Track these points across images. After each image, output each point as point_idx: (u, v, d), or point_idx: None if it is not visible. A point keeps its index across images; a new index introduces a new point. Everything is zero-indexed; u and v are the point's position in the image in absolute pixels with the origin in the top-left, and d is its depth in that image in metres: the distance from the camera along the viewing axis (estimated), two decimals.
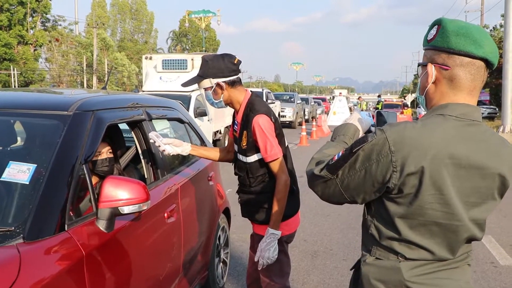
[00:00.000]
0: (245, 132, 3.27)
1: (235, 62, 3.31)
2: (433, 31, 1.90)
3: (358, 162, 1.84)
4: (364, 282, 1.94)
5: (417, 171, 1.75)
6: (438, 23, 1.89)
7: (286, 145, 3.41)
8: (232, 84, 3.30)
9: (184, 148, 3.49)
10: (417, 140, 1.76)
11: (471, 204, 1.81)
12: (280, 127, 3.36)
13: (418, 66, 1.99)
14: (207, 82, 3.29)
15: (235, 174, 3.49)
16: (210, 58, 3.31)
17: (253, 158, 3.27)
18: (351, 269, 2.12)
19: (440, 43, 1.85)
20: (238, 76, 3.35)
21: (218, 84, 3.27)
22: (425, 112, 1.96)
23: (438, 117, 1.84)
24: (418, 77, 2.01)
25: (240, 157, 3.36)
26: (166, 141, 3.41)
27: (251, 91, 3.44)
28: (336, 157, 1.92)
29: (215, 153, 3.77)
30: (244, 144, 3.28)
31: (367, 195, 1.89)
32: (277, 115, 3.36)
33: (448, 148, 1.75)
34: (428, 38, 1.92)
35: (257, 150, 3.25)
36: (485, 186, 1.81)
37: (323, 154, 2.10)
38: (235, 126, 3.48)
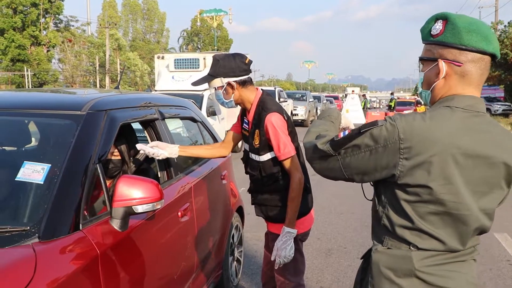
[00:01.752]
0: (257, 131, 3.26)
1: (246, 61, 3.30)
2: (439, 26, 1.90)
3: (364, 143, 1.87)
4: (374, 269, 1.97)
5: (426, 161, 1.78)
6: (443, 17, 1.91)
7: (298, 143, 3.40)
8: (243, 83, 3.29)
9: (170, 150, 3.38)
10: (426, 131, 1.80)
11: (480, 193, 1.84)
12: (293, 125, 3.35)
13: (419, 61, 2.01)
14: (218, 82, 3.28)
15: (247, 173, 3.48)
16: (221, 58, 3.30)
17: (266, 156, 3.26)
18: (361, 258, 2.15)
19: (451, 39, 1.86)
20: (249, 76, 3.34)
21: (229, 84, 3.26)
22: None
23: (446, 109, 1.87)
24: (420, 71, 2.03)
25: (253, 156, 3.35)
26: (151, 145, 3.34)
27: (262, 89, 3.43)
28: (341, 135, 1.94)
29: (206, 151, 3.75)
30: (256, 143, 3.27)
31: (366, 176, 1.93)
32: (289, 114, 3.34)
33: (456, 139, 1.79)
34: (433, 33, 1.92)
35: (270, 148, 3.24)
36: (492, 176, 1.84)
37: (320, 129, 2.18)
38: (244, 125, 3.47)
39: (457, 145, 1.78)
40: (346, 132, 1.94)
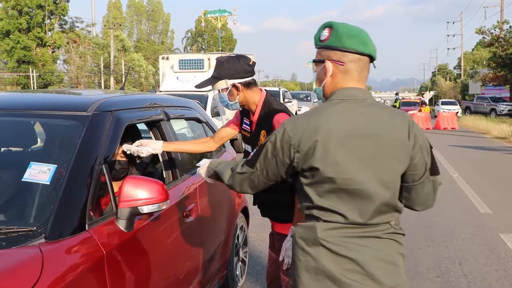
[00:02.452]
0: (263, 131, 3.26)
1: (250, 63, 3.30)
2: (326, 33, 2.26)
3: (269, 152, 2.25)
4: (293, 241, 2.29)
5: (311, 148, 2.11)
6: (329, 26, 2.27)
7: None
8: (247, 85, 3.29)
9: (154, 145, 3.34)
10: (307, 123, 2.15)
11: (377, 168, 2.11)
12: None
13: (313, 63, 2.37)
14: (222, 83, 3.28)
15: None
16: (226, 59, 3.30)
17: None
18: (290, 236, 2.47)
19: (335, 43, 2.23)
20: (253, 77, 3.34)
21: (234, 85, 3.26)
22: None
23: (327, 103, 2.24)
24: (314, 71, 2.38)
25: None
26: (136, 144, 3.32)
27: (266, 90, 3.43)
28: (251, 154, 2.39)
29: (192, 146, 3.67)
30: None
31: (283, 174, 2.29)
32: (294, 114, 3.35)
33: (335, 124, 2.11)
34: (321, 39, 2.28)
35: None
36: (384, 150, 2.11)
37: (228, 164, 2.55)
38: (244, 126, 3.47)
39: (337, 129, 2.10)
40: (254, 150, 2.38)
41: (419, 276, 5.36)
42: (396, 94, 41.72)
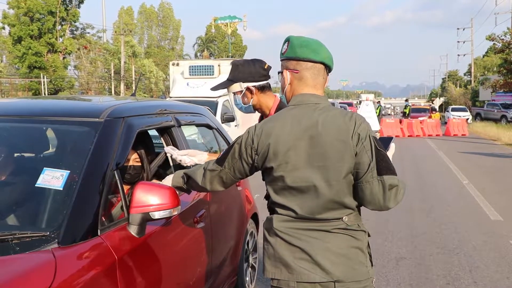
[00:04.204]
0: None
1: (266, 67, 3.33)
2: (285, 46, 2.51)
3: (236, 152, 2.48)
4: (262, 230, 2.53)
5: (266, 150, 2.35)
6: (287, 40, 2.52)
7: None
8: (261, 89, 3.31)
9: (200, 157, 3.38)
10: (264, 127, 2.39)
11: (321, 167, 2.28)
12: None
13: (278, 74, 2.60)
14: (237, 86, 3.30)
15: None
16: (241, 63, 3.33)
17: None
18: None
19: (290, 54, 2.47)
20: (268, 81, 3.36)
21: (248, 88, 3.28)
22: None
23: (284, 108, 2.47)
24: (279, 81, 2.62)
25: None
26: (182, 152, 3.36)
27: (280, 97, 3.44)
28: (221, 153, 2.60)
29: None
30: None
31: (248, 173, 2.53)
32: None
33: (286, 128, 2.33)
34: (282, 52, 2.53)
35: None
36: (329, 150, 2.27)
37: (198, 166, 2.73)
38: None
39: (287, 133, 2.32)
40: (224, 150, 2.60)
41: (430, 283, 5.34)
42: (406, 100, 41.55)
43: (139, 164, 3.43)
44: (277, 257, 2.38)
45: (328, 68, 2.51)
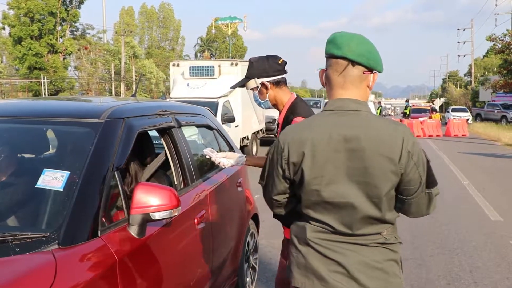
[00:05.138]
0: None
1: (280, 62, 3.37)
2: None
3: (269, 165, 2.32)
4: (290, 237, 2.37)
5: (299, 160, 2.15)
6: None
7: None
8: (277, 84, 3.35)
9: (238, 159, 3.51)
10: (296, 134, 2.19)
11: (362, 183, 2.11)
12: None
13: None
14: (252, 83, 3.37)
15: None
16: (256, 60, 3.39)
17: None
18: None
19: (325, 52, 2.28)
20: (283, 76, 3.39)
21: (263, 84, 3.33)
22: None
23: (318, 115, 2.27)
24: None
25: None
26: (221, 155, 3.47)
27: (296, 95, 3.46)
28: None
29: None
30: None
31: (282, 187, 2.30)
32: None
33: (323, 137, 2.12)
34: None
35: None
36: (370, 166, 2.08)
37: None
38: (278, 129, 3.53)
39: (324, 142, 2.12)
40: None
41: (430, 284, 5.34)
42: (407, 101, 41.54)
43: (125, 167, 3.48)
44: (308, 268, 2.23)
45: (359, 64, 2.19)
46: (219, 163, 3.43)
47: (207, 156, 3.50)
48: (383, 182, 2.10)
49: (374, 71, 2.24)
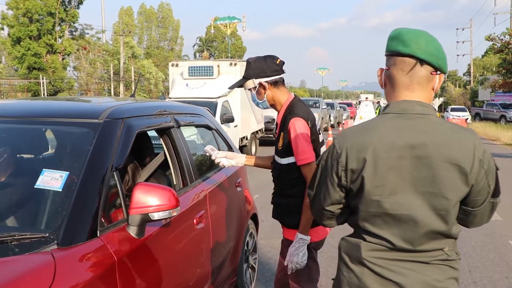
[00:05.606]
0: (282, 133, 3.31)
1: (278, 62, 3.37)
2: None
3: (321, 172, 2.11)
4: (339, 254, 2.18)
5: (359, 167, 1.95)
6: None
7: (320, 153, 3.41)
8: (275, 84, 3.36)
9: (238, 159, 3.59)
10: (356, 138, 1.98)
11: (427, 193, 1.92)
12: (317, 133, 3.35)
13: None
14: (250, 83, 3.38)
15: (272, 175, 3.52)
16: (253, 60, 3.40)
17: (287, 160, 3.29)
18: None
19: (385, 49, 2.10)
20: (281, 76, 3.40)
21: (260, 84, 3.34)
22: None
23: (379, 117, 2.04)
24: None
25: (276, 158, 3.41)
26: (221, 154, 3.55)
27: (294, 95, 3.46)
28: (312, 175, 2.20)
29: (267, 162, 3.74)
30: (280, 146, 3.32)
31: (336, 197, 2.08)
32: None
33: (385, 142, 1.92)
34: None
35: (291, 153, 3.26)
36: (438, 175, 1.90)
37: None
38: (276, 130, 3.54)
39: (388, 149, 1.92)
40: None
41: None
42: None
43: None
44: None
45: (427, 64, 2.00)
46: (219, 162, 3.46)
47: (207, 154, 3.53)
48: (452, 193, 1.92)
49: (439, 72, 2.04)
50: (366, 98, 33.44)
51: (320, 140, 3.37)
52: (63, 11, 48.11)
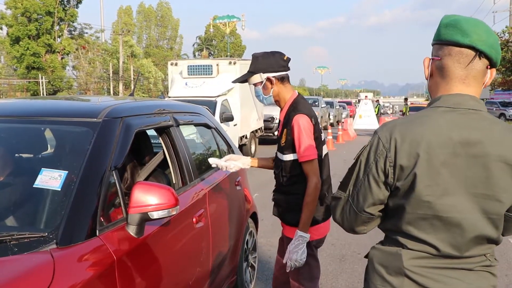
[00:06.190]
0: (285, 130, 3.31)
1: (285, 58, 3.39)
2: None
3: (362, 169, 1.92)
4: (369, 265, 2.00)
5: (410, 164, 1.78)
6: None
7: (326, 153, 3.41)
8: (281, 79, 3.37)
9: (243, 160, 3.60)
10: (408, 131, 1.81)
11: (480, 195, 1.78)
12: (320, 131, 3.36)
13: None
14: (257, 77, 3.37)
15: (274, 172, 3.52)
16: (261, 55, 3.40)
17: (289, 157, 3.29)
18: (364, 257, 2.14)
19: (435, 37, 1.92)
20: (287, 72, 3.40)
21: (268, 79, 3.34)
22: None
23: (429, 110, 1.87)
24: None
25: (278, 154, 3.41)
26: (225, 159, 3.56)
27: (298, 93, 3.46)
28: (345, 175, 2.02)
29: (272, 161, 3.73)
30: (283, 142, 3.32)
31: (380, 196, 1.89)
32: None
33: (439, 136, 1.77)
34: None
35: (294, 149, 3.26)
36: (493, 176, 1.76)
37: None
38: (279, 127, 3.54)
39: (439, 143, 1.76)
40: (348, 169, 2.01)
41: None
42: (405, 99, 41.45)
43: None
44: None
45: (486, 57, 1.84)
46: (226, 167, 3.48)
47: (213, 165, 3.56)
48: (506, 196, 1.78)
49: (491, 67, 1.88)
50: (366, 96, 33.38)
51: (322, 139, 3.37)
52: (62, 10, 48.04)
